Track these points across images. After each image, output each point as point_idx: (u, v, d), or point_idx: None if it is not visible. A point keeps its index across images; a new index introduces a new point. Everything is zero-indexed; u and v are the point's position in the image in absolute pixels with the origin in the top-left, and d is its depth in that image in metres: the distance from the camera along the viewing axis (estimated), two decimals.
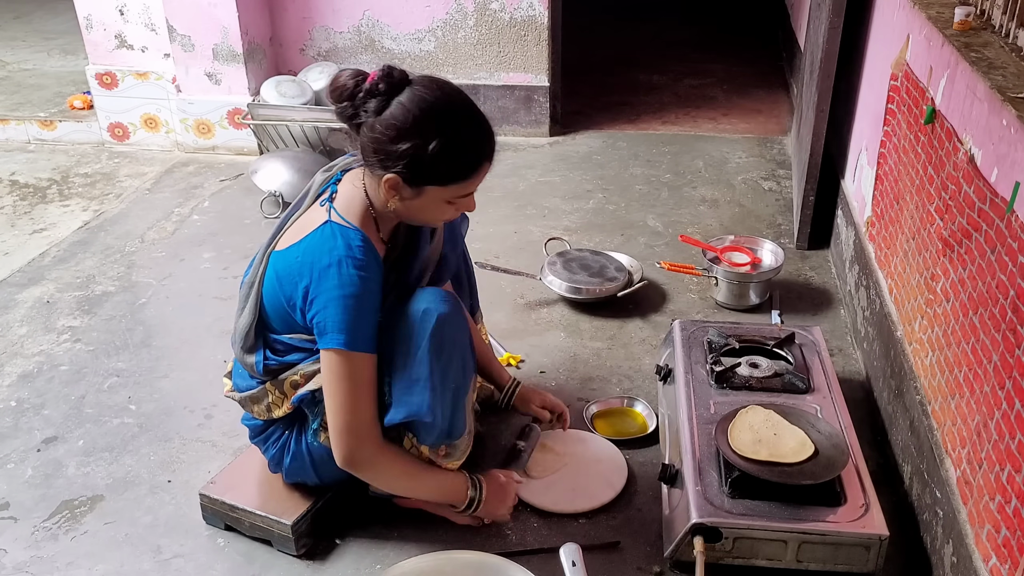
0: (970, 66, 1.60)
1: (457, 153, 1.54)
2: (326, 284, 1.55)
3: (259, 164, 3.38)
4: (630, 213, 3.27)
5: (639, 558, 1.77)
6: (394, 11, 3.81)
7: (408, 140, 1.50)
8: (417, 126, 1.50)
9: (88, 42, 3.82)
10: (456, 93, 1.58)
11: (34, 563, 1.80)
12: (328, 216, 1.60)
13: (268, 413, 1.76)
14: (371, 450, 1.64)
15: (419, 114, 1.51)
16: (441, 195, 1.58)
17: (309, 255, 1.58)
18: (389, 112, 1.52)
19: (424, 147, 1.50)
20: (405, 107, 1.51)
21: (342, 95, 1.55)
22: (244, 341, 1.72)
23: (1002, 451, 1.39)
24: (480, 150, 1.58)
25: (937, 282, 1.79)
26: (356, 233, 1.58)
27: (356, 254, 1.56)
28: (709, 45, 5.36)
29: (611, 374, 2.35)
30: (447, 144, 1.51)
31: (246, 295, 1.72)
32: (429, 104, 1.52)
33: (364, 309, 1.57)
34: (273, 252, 1.68)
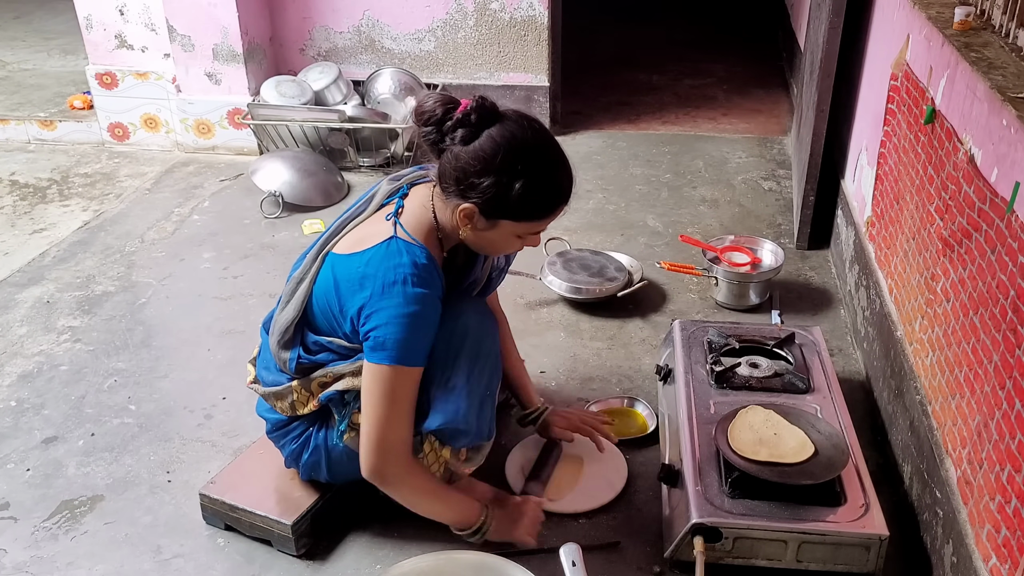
0: (970, 66, 1.60)
1: (539, 193, 1.57)
2: (389, 301, 1.55)
3: (259, 164, 3.38)
4: (630, 213, 3.27)
5: (639, 558, 1.77)
6: (394, 11, 3.81)
7: (494, 175, 1.52)
8: (505, 162, 1.52)
9: (88, 42, 3.82)
10: (545, 133, 1.59)
11: (34, 563, 1.80)
12: (394, 231, 1.60)
13: (292, 410, 1.75)
14: (400, 468, 1.65)
15: (508, 150, 1.52)
16: (513, 230, 1.61)
17: (373, 267, 1.57)
18: (478, 144, 1.53)
19: (509, 184, 1.53)
20: (495, 141, 1.52)
21: (429, 120, 1.56)
22: (283, 335, 1.71)
23: (1002, 451, 1.39)
24: (561, 193, 1.61)
25: (937, 282, 1.79)
26: (422, 251, 1.59)
27: (421, 273, 1.57)
28: (709, 45, 5.36)
29: (611, 374, 2.35)
30: (531, 184, 1.54)
31: (292, 290, 1.71)
32: (520, 141, 1.53)
33: (424, 326, 1.58)
34: (332, 253, 1.66)
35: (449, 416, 1.66)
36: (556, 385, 2.31)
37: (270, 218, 3.26)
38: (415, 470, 1.68)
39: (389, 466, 1.63)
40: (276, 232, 3.17)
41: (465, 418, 1.67)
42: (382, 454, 1.61)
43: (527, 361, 2.39)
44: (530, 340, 2.49)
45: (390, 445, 1.61)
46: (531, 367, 2.37)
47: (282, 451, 1.83)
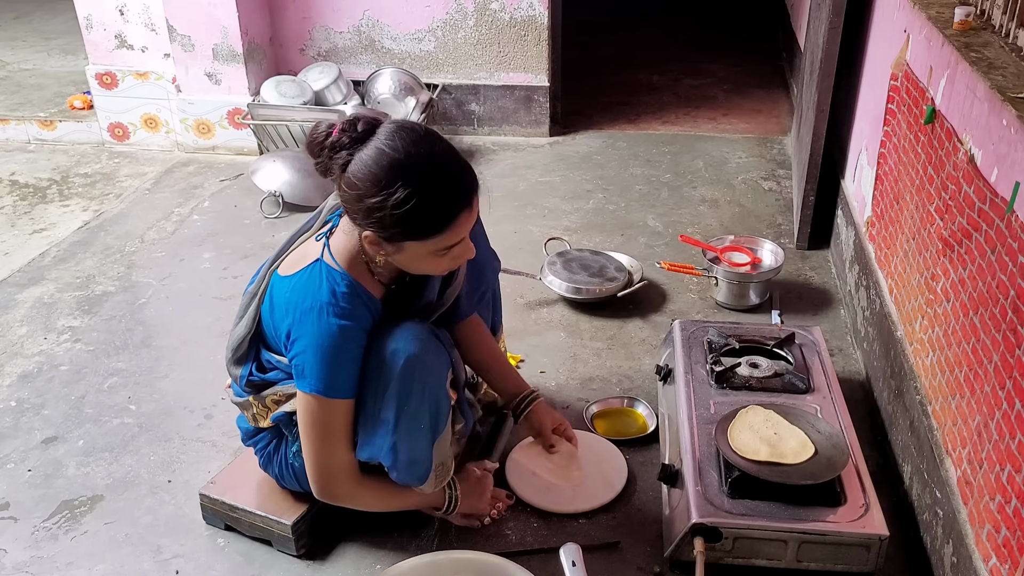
0: (970, 66, 1.60)
1: (424, 207, 1.43)
2: (306, 328, 1.51)
3: (259, 164, 3.38)
4: (630, 213, 3.27)
5: (639, 558, 1.77)
6: (394, 11, 3.81)
7: (370, 198, 1.43)
8: (376, 183, 1.42)
9: (88, 42, 3.82)
10: (423, 141, 1.46)
11: (34, 563, 1.80)
12: (321, 254, 1.56)
13: (255, 422, 1.77)
14: (347, 488, 1.65)
15: (376, 170, 1.42)
16: (422, 249, 1.50)
17: (296, 294, 1.54)
18: (351, 169, 1.44)
19: (385, 204, 1.42)
20: (364, 163, 1.43)
21: (314, 150, 1.49)
22: (235, 351, 1.71)
23: (1002, 451, 1.39)
24: (452, 201, 1.47)
25: (937, 282, 1.79)
26: (343, 278, 1.53)
27: (340, 301, 1.51)
28: (709, 45, 5.36)
29: (611, 374, 2.35)
30: (410, 199, 1.41)
31: (246, 305, 1.70)
32: (388, 158, 1.42)
33: (343, 358, 1.53)
34: (275, 274, 1.63)
35: (374, 451, 1.61)
36: (556, 385, 2.31)
37: (270, 218, 3.26)
38: (363, 486, 1.67)
39: (336, 488, 1.64)
40: (276, 232, 3.17)
41: (391, 454, 1.59)
42: (326, 479, 1.62)
43: (527, 361, 2.40)
44: (530, 340, 2.49)
45: (331, 471, 1.61)
46: (531, 367, 2.38)
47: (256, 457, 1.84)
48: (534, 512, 1.88)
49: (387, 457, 1.61)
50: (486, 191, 1.57)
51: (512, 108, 3.90)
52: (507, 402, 1.97)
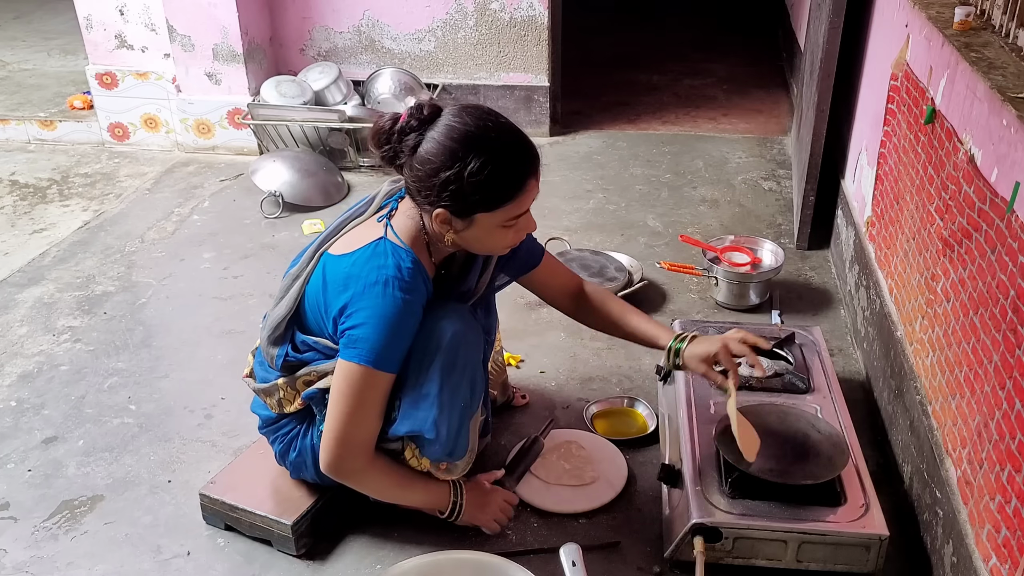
0: (970, 66, 1.60)
1: (497, 175, 1.52)
2: (369, 301, 1.54)
3: (259, 164, 3.38)
4: (630, 213, 3.27)
5: (639, 558, 1.77)
6: (394, 11, 3.81)
7: (445, 171, 1.50)
8: (451, 155, 1.50)
9: (88, 42, 3.82)
10: (488, 115, 1.56)
11: (34, 563, 1.80)
12: (384, 233, 1.60)
13: (279, 408, 1.76)
14: (359, 464, 1.65)
15: (450, 143, 1.50)
16: (492, 221, 1.56)
17: (358, 268, 1.57)
18: (423, 148, 1.52)
19: (461, 175, 1.49)
20: (436, 140, 1.51)
21: (381, 139, 1.57)
22: (273, 331, 1.71)
23: (1002, 451, 1.39)
24: (520, 168, 1.55)
25: (937, 282, 1.79)
26: (408, 254, 1.58)
27: (404, 275, 1.56)
28: (709, 45, 5.36)
29: (611, 374, 2.35)
30: (484, 168, 1.50)
31: (288, 287, 1.72)
32: (460, 132, 1.51)
33: (401, 332, 1.57)
34: (327, 253, 1.66)
35: (417, 424, 1.64)
36: (556, 385, 2.31)
37: (270, 218, 3.26)
38: (374, 465, 1.67)
39: (347, 461, 1.63)
40: (276, 232, 3.17)
41: (434, 427, 1.63)
42: (342, 449, 1.61)
43: (527, 361, 2.40)
44: (530, 340, 2.49)
45: (352, 442, 1.61)
46: (531, 367, 2.38)
47: (272, 447, 1.84)
48: (534, 512, 1.88)
49: (431, 430, 1.64)
50: None
51: (512, 108, 3.90)
52: (664, 346, 1.83)
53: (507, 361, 2.38)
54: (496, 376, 2.10)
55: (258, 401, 1.83)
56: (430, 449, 1.68)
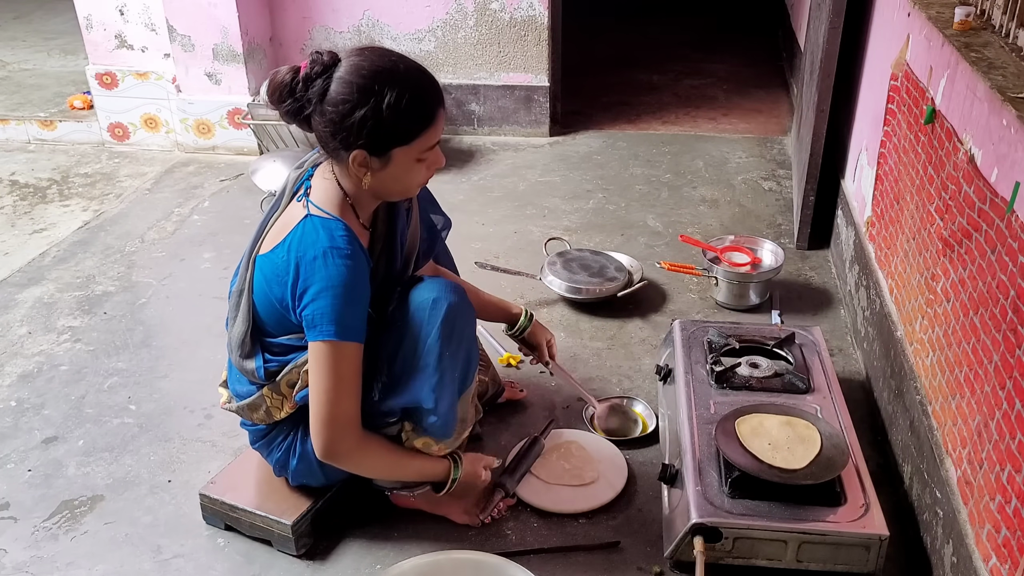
0: (970, 66, 1.60)
1: (410, 105, 1.52)
2: (314, 277, 1.54)
3: (259, 164, 3.38)
4: (630, 213, 3.27)
5: (639, 558, 1.77)
6: (394, 11, 3.81)
7: (360, 108, 1.50)
8: (365, 92, 1.50)
9: (88, 42, 3.82)
10: (387, 52, 1.57)
11: (34, 563, 1.80)
12: (307, 211, 1.60)
13: (269, 418, 1.75)
14: (351, 442, 1.64)
15: (362, 80, 1.50)
16: (408, 155, 1.57)
17: (294, 252, 1.57)
18: (333, 90, 1.52)
19: (378, 109, 1.50)
20: (345, 80, 1.51)
21: (283, 93, 1.56)
22: (241, 349, 1.71)
23: (1002, 451, 1.39)
24: (431, 97, 1.56)
25: (937, 282, 1.79)
26: (337, 223, 1.58)
27: (340, 243, 1.55)
28: (709, 45, 5.36)
29: (611, 374, 2.35)
30: (400, 99, 1.50)
31: (236, 303, 1.72)
32: (368, 68, 1.51)
33: (353, 298, 1.57)
34: (258, 256, 1.67)
35: (415, 395, 1.65)
36: (556, 385, 2.31)
37: None
38: (367, 442, 1.67)
39: (340, 442, 1.63)
40: None
41: (435, 399, 1.65)
42: (331, 430, 1.61)
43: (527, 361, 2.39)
44: None
45: (339, 420, 1.61)
46: (531, 367, 2.38)
47: (268, 460, 1.83)
48: (534, 512, 1.88)
49: (428, 398, 1.65)
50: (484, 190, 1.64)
51: (512, 108, 3.90)
52: (510, 325, 2.09)
53: (507, 361, 2.39)
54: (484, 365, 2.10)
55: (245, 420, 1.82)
56: (429, 420, 1.68)
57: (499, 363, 2.36)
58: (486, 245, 3.00)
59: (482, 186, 3.48)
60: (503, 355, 2.40)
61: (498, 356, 2.39)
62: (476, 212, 3.24)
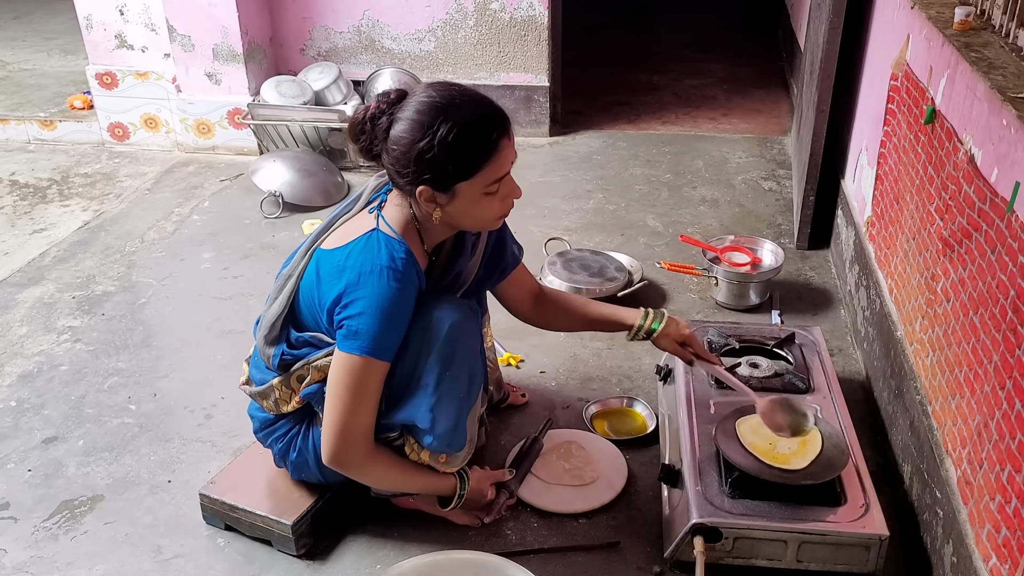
0: (970, 66, 1.60)
1: (467, 137, 1.53)
2: (365, 291, 1.55)
3: (259, 164, 3.38)
4: (630, 213, 3.27)
5: (639, 558, 1.77)
6: (394, 11, 3.81)
7: (418, 144, 1.52)
8: (421, 127, 1.51)
9: (88, 42, 3.82)
10: (451, 86, 1.58)
11: (34, 563, 1.80)
12: (376, 224, 1.61)
13: (276, 408, 1.76)
14: (360, 455, 1.65)
15: (419, 116, 1.52)
16: (473, 189, 1.57)
17: (352, 260, 1.58)
18: (395, 128, 1.54)
19: (433, 144, 1.51)
20: (406, 117, 1.54)
21: (357, 131, 1.59)
22: (270, 331, 1.72)
23: (1002, 451, 1.39)
24: (490, 128, 1.56)
25: (937, 282, 1.79)
26: (401, 245, 1.59)
27: (398, 266, 1.57)
28: (709, 45, 5.36)
29: (611, 374, 2.35)
30: (452, 132, 1.51)
31: (281, 286, 1.72)
32: (426, 104, 1.53)
33: (396, 321, 1.58)
34: (319, 249, 1.67)
35: (412, 413, 1.65)
36: (556, 385, 2.31)
37: (270, 218, 3.26)
38: (375, 456, 1.68)
39: (350, 453, 1.64)
40: (276, 232, 3.17)
41: (428, 417, 1.65)
42: (344, 441, 1.62)
43: (527, 361, 2.40)
44: (530, 340, 2.49)
45: (352, 433, 1.62)
46: (531, 367, 2.38)
47: (271, 448, 1.84)
48: (534, 512, 1.88)
49: (424, 418, 1.64)
50: None
51: (512, 108, 3.90)
52: (631, 330, 1.95)
53: (507, 361, 2.39)
54: (490, 372, 2.10)
55: (254, 404, 1.83)
56: (426, 440, 1.68)
57: (499, 363, 2.36)
58: None
59: None
60: (503, 355, 2.40)
61: (498, 356, 2.39)
62: None
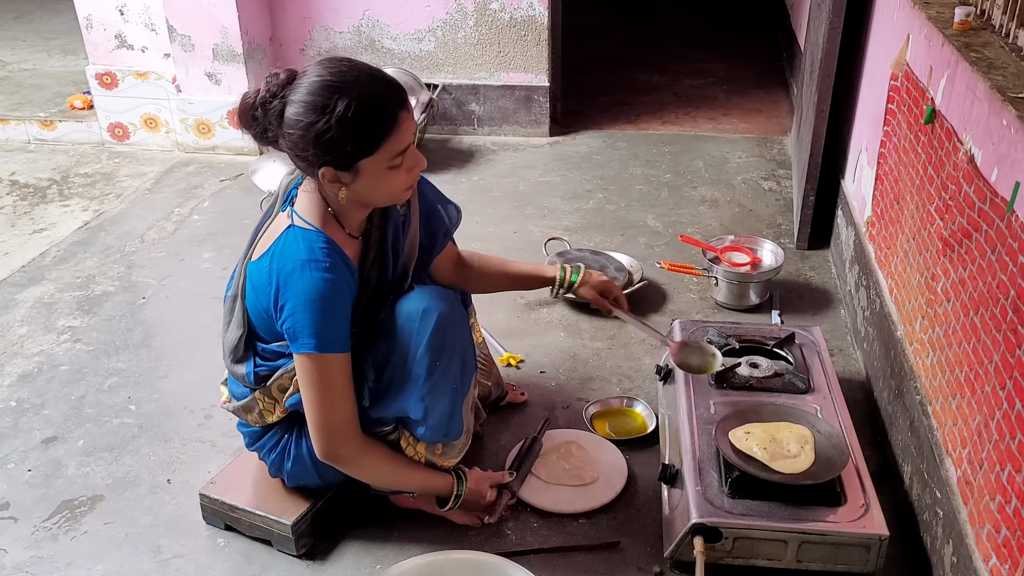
0: (970, 66, 1.60)
1: (365, 113, 1.47)
2: (292, 290, 1.53)
3: (259, 164, 3.38)
4: (630, 213, 3.27)
5: (639, 558, 1.77)
6: (394, 11, 3.81)
7: (314, 125, 1.47)
8: (316, 108, 1.47)
9: (88, 42, 3.82)
10: (341, 61, 1.53)
11: (34, 563, 1.80)
12: (291, 220, 1.59)
13: (262, 420, 1.76)
14: (352, 446, 1.65)
15: (312, 97, 1.47)
16: (377, 164, 1.52)
17: (275, 263, 1.56)
18: (289, 111, 1.49)
19: (331, 124, 1.46)
20: (298, 99, 1.49)
21: (248, 118, 1.54)
22: (234, 354, 1.72)
23: (1002, 451, 1.39)
24: (386, 101, 1.50)
25: (937, 282, 1.79)
26: (318, 235, 1.56)
27: (318, 256, 1.54)
28: (709, 45, 5.36)
29: (611, 374, 2.35)
30: (349, 109, 1.46)
31: (231, 309, 1.72)
32: (318, 83, 1.48)
33: (333, 311, 1.55)
34: (249, 263, 1.66)
35: (404, 406, 1.65)
36: (556, 385, 2.31)
37: None
38: (368, 448, 1.67)
39: (339, 447, 1.63)
40: None
41: (420, 407, 1.64)
42: (330, 436, 1.62)
43: (527, 361, 2.40)
44: (530, 340, 2.49)
45: (335, 427, 1.61)
46: (531, 367, 2.38)
47: (264, 461, 1.83)
48: (534, 512, 1.88)
49: (416, 409, 1.64)
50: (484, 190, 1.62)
51: (512, 108, 3.90)
52: (554, 285, 2.06)
53: (507, 361, 2.39)
54: (487, 369, 2.10)
55: (241, 420, 1.83)
56: (420, 431, 1.68)
57: (499, 363, 2.35)
58: (486, 245, 3.00)
59: (482, 186, 3.48)
60: (503, 355, 2.40)
61: (498, 356, 2.39)
62: (476, 212, 3.24)
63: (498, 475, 1.88)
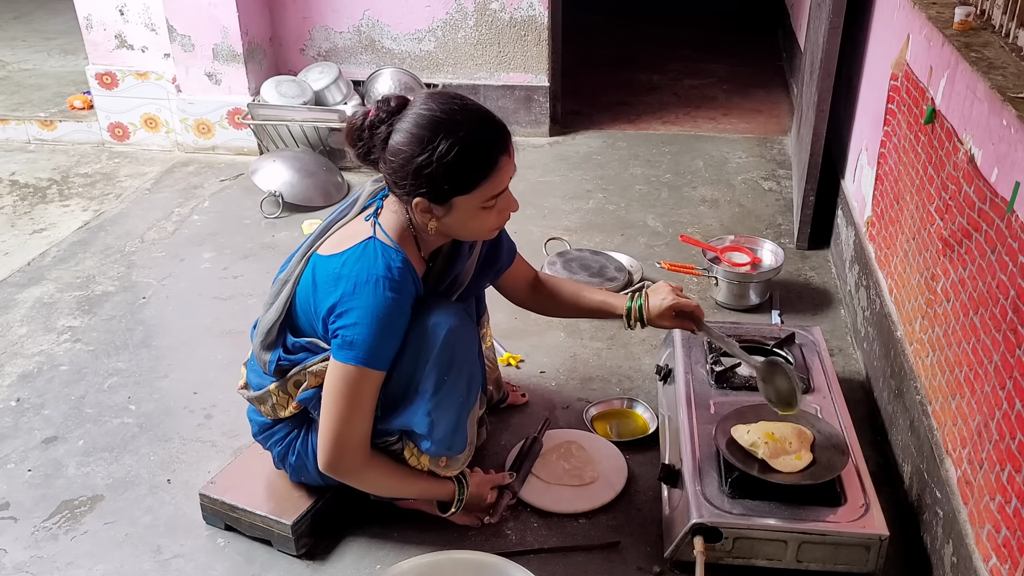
0: (970, 66, 1.60)
1: (466, 155, 1.51)
2: (360, 301, 1.54)
3: (259, 164, 3.38)
4: (630, 213, 3.27)
5: (639, 558, 1.77)
6: (394, 11, 3.81)
7: (416, 159, 1.50)
8: (420, 142, 1.50)
9: (88, 42, 3.82)
10: (453, 99, 1.55)
11: (34, 563, 1.80)
12: (372, 232, 1.61)
13: (274, 413, 1.76)
14: (356, 463, 1.65)
15: (418, 130, 1.50)
16: (470, 203, 1.56)
17: (348, 268, 1.57)
18: (393, 139, 1.53)
19: (431, 160, 1.49)
20: (405, 129, 1.52)
21: (354, 136, 1.58)
22: (266, 336, 1.72)
23: (1002, 451, 1.39)
24: (490, 146, 1.54)
25: (937, 282, 1.79)
26: (398, 253, 1.58)
27: (394, 275, 1.56)
28: (709, 45, 5.36)
29: (611, 374, 2.35)
30: (452, 149, 1.49)
31: (277, 292, 1.72)
32: (426, 118, 1.51)
33: (391, 331, 1.57)
34: (315, 255, 1.66)
35: (410, 419, 1.65)
36: (556, 385, 2.31)
37: (270, 218, 3.26)
38: (371, 463, 1.68)
39: (345, 461, 1.64)
40: (276, 232, 3.17)
41: (426, 422, 1.64)
42: (339, 450, 1.62)
43: (527, 361, 2.40)
44: (530, 340, 2.49)
45: (348, 442, 1.62)
46: (531, 367, 2.38)
47: (270, 452, 1.84)
48: (534, 512, 1.88)
49: (421, 424, 1.64)
50: None
51: (512, 108, 3.90)
52: (624, 318, 1.92)
53: (507, 361, 2.39)
54: (489, 372, 2.10)
55: (253, 408, 1.83)
56: (424, 445, 1.68)
57: (499, 363, 2.35)
58: None
59: None
60: (503, 355, 2.40)
61: (498, 356, 2.39)
62: None
63: (499, 477, 1.88)
